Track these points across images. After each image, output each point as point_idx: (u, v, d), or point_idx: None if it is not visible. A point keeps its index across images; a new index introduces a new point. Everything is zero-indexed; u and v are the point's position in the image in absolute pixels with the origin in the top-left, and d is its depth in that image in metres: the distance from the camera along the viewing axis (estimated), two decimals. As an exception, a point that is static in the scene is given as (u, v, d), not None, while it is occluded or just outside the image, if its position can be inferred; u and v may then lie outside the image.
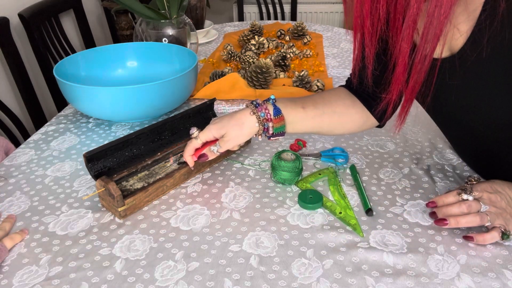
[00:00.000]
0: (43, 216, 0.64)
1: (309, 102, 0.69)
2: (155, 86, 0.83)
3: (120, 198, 0.61)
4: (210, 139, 0.66)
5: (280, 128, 0.66)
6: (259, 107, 0.64)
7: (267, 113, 0.64)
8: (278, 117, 0.65)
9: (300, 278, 0.52)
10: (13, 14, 1.40)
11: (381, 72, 0.59)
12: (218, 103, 0.98)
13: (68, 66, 0.96)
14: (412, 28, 0.46)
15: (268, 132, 0.66)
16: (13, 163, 0.78)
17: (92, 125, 0.92)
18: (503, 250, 0.55)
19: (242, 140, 0.66)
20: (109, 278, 0.53)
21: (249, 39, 1.42)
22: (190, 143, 0.67)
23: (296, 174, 0.69)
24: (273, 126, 0.65)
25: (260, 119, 0.64)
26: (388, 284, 0.51)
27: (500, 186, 0.57)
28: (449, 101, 0.59)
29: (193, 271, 0.54)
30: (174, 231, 0.60)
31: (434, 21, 0.45)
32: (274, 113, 0.65)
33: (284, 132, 0.67)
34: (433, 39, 0.46)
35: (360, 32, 0.51)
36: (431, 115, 0.69)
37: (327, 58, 1.31)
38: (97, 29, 2.09)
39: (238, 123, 0.64)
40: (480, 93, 0.54)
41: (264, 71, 1.03)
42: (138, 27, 1.21)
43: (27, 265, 0.55)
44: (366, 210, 0.63)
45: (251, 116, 0.64)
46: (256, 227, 0.61)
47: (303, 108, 0.68)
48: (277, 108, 0.65)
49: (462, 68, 0.53)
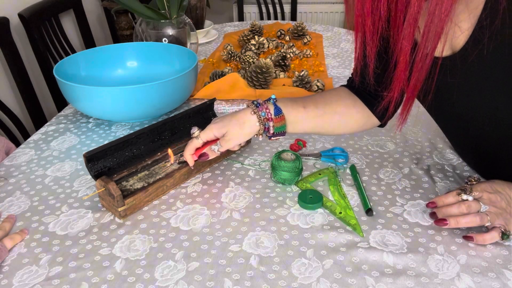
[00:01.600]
0: (43, 216, 0.64)
1: (310, 102, 0.69)
2: (155, 86, 0.83)
3: (120, 198, 0.61)
4: (211, 138, 0.67)
5: (281, 128, 0.66)
6: (260, 107, 0.65)
7: (267, 112, 0.64)
8: (278, 116, 0.65)
9: (300, 278, 0.52)
10: (13, 14, 1.40)
11: (383, 70, 0.59)
12: (218, 103, 0.98)
13: (68, 66, 0.96)
14: (413, 26, 0.46)
15: (268, 132, 0.66)
16: (13, 163, 0.78)
17: (92, 125, 0.92)
18: (503, 250, 0.55)
19: (243, 139, 0.66)
20: (109, 278, 0.53)
21: (249, 39, 1.42)
22: (191, 142, 0.67)
23: (296, 174, 0.69)
24: (273, 125, 0.65)
25: (261, 118, 0.64)
26: (388, 284, 0.51)
27: (500, 186, 0.57)
28: (450, 100, 0.59)
29: (193, 271, 0.54)
30: (174, 231, 0.60)
31: (435, 19, 0.45)
32: (275, 113, 0.65)
33: (285, 132, 0.67)
34: (434, 38, 0.46)
35: (361, 31, 0.51)
36: (431, 114, 0.69)
37: (327, 58, 1.31)
38: (97, 29, 2.09)
39: (239, 122, 0.65)
40: (481, 91, 0.54)
41: (264, 71, 1.03)
42: (138, 27, 1.21)
43: (27, 265, 0.55)
44: (366, 210, 0.63)
45: (252, 116, 0.64)
46: (256, 227, 0.61)
47: (304, 108, 0.68)
48: (278, 107, 0.65)
49: (463, 66, 0.53)
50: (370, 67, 0.55)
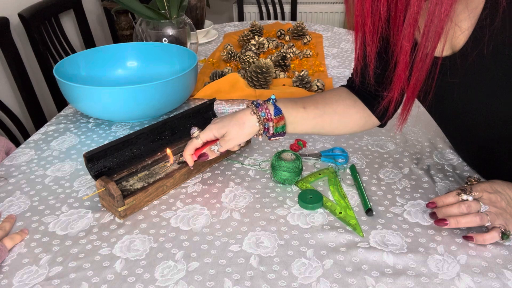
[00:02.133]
0: (43, 216, 0.64)
1: (310, 102, 0.69)
2: (155, 86, 0.83)
3: (120, 198, 0.61)
4: (211, 138, 0.67)
5: (281, 128, 0.66)
6: (259, 107, 0.65)
7: (267, 113, 0.65)
8: (278, 117, 0.65)
9: (300, 278, 0.52)
10: (13, 14, 1.40)
11: (383, 70, 0.59)
12: (218, 103, 0.98)
13: (68, 66, 0.96)
14: (413, 26, 0.46)
15: (268, 132, 0.66)
16: (13, 163, 0.78)
17: (92, 125, 0.92)
18: (503, 250, 0.55)
19: (243, 139, 0.66)
20: (109, 278, 0.53)
21: (249, 39, 1.42)
22: (191, 142, 0.67)
23: (296, 174, 0.69)
24: (273, 126, 0.65)
25: (261, 119, 0.65)
26: (388, 284, 0.51)
27: (500, 186, 0.57)
28: (450, 99, 0.59)
29: (193, 271, 0.54)
30: (174, 231, 0.60)
31: (435, 19, 0.45)
32: (275, 113, 0.65)
33: (285, 132, 0.67)
34: (434, 37, 0.46)
35: (361, 31, 0.51)
36: (431, 114, 0.69)
37: (327, 58, 1.31)
38: (97, 29, 2.09)
39: (239, 122, 0.65)
40: (482, 91, 0.54)
41: (264, 71, 1.03)
42: (138, 27, 1.21)
43: (27, 265, 0.55)
44: (366, 210, 0.63)
45: (252, 116, 0.65)
46: (256, 227, 0.61)
47: (304, 108, 0.68)
48: (278, 108, 0.65)
49: (463, 66, 0.54)
50: (370, 67, 0.55)
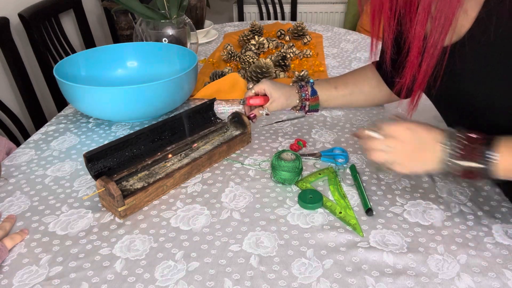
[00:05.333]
0: (43, 216, 0.64)
1: (340, 82, 0.87)
2: (155, 86, 0.83)
3: (120, 198, 0.61)
4: (261, 91, 0.82)
5: (315, 106, 0.86)
6: (302, 89, 0.84)
7: (307, 94, 0.83)
8: (314, 97, 0.84)
9: (300, 278, 0.52)
10: (13, 14, 1.40)
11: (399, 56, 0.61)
12: (218, 103, 0.98)
13: (68, 66, 0.96)
14: (427, 11, 0.49)
15: (304, 109, 0.86)
16: (13, 163, 0.78)
17: (92, 125, 0.92)
18: (503, 250, 0.55)
19: (284, 108, 0.85)
20: (109, 278, 0.53)
21: (249, 39, 1.42)
22: (246, 93, 0.85)
23: (296, 174, 0.69)
24: (309, 104, 0.85)
25: (301, 98, 0.84)
26: (388, 284, 0.51)
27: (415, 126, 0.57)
28: (456, 86, 0.60)
29: (193, 271, 0.54)
30: (174, 231, 0.60)
31: (446, 6, 0.48)
32: (311, 94, 0.84)
33: (318, 110, 0.86)
34: (445, 24, 0.49)
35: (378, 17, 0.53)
36: (436, 104, 0.69)
37: (327, 58, 1.31)
38: (97, 29, 2.09)
39: (286, 96, 0.83)
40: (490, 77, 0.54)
41: (264, 71, 1.03)
42: (138, 27, 1.21)
43: (27, 265, 0.55)
44: (366, 210, 0.63)
45: (296, 94, 0.84)
46: (256, 227, 0.61)
47: (335, 88, 0.86)
48: (314, 90, 0.84)
49: (471, 51, 0.55)
50: (387, 53, 0.58)
